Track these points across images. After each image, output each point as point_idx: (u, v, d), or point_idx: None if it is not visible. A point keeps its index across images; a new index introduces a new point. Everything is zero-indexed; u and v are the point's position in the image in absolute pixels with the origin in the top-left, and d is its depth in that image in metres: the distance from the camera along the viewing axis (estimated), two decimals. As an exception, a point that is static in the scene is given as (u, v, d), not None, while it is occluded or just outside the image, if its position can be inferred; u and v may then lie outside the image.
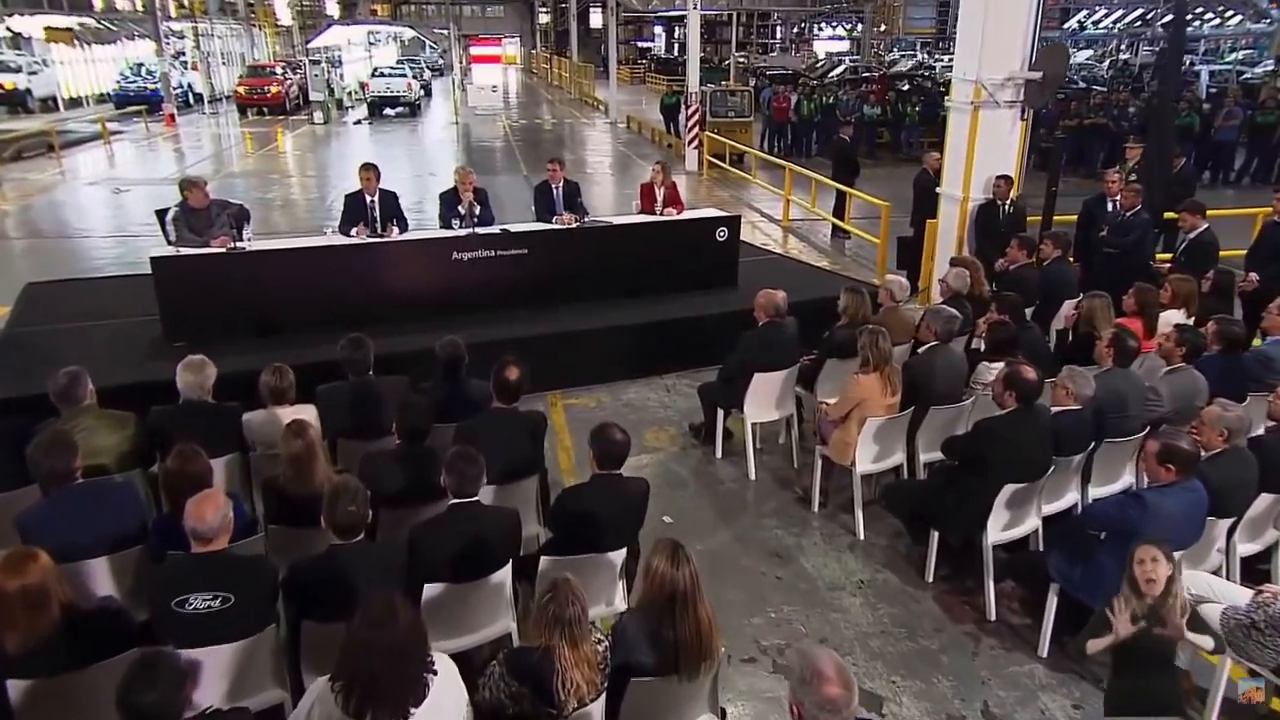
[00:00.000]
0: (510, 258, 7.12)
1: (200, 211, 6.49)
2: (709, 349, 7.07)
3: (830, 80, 26.19)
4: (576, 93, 35.00)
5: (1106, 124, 15.32)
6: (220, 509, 2.91)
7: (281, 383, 4.21)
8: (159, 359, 5.97)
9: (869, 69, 30.38)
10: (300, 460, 3.56)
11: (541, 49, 52.40)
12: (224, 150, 21.06)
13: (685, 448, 6.02)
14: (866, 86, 20.95)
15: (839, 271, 9.55)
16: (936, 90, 20.75)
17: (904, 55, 40.67)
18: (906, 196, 9.82)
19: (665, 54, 49.99)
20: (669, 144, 21.44)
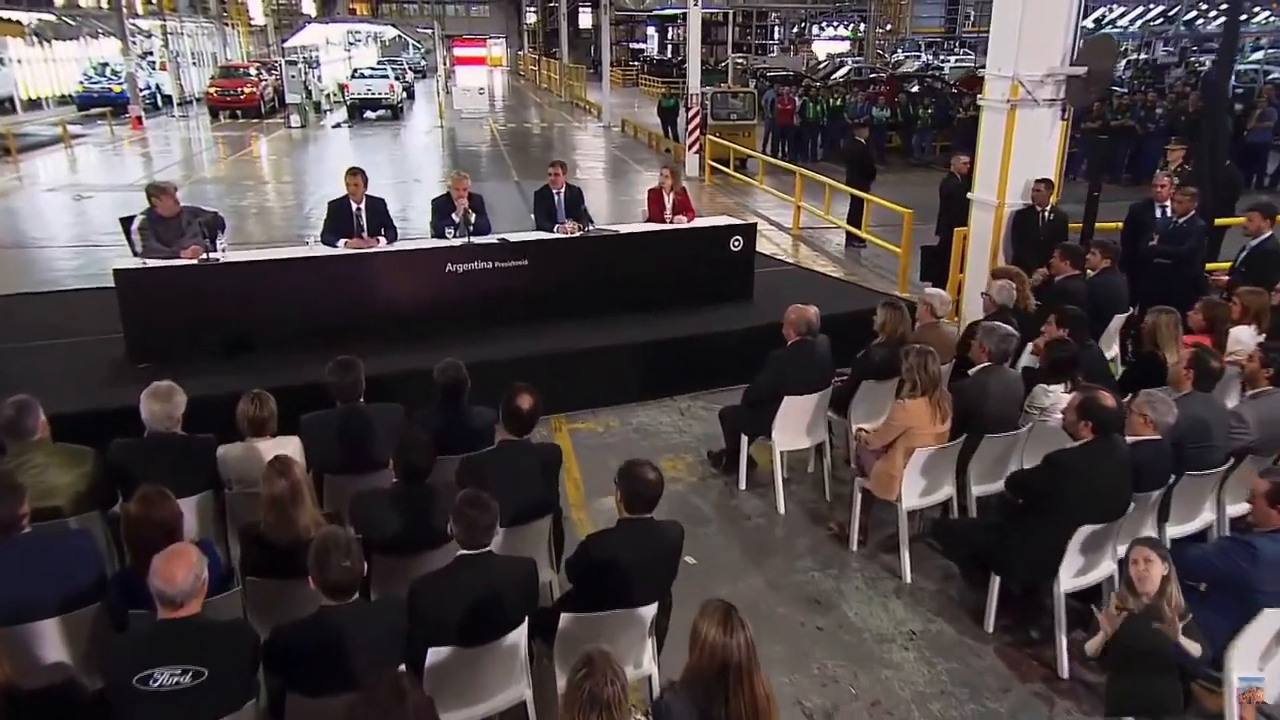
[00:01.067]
0: (509, 269, 6.88)
1: (169, 220, 6.23)
2: (725, 368, 6.95)
3: (834, 82, 26.15)
4: (567, 95, 34.91)
5: (1133, 126, 15.21)
6: (192, 568, 2.60)
7: (261, 412, 3.90)
8: (122, 382, 5.69)
9: (874, 70, 30.36)
10: (284, 503, 3.25)
11: (529, 50, 52.39)
12: (194, 155, 20.80)
13: (705, 478, 5.73)
14: (874, 88, 20.84)
15: (858, 283, 9.31)
16: (948, 92, 20.68)
17: (909, 55, 40.75)
18: (922, 202, 9.63)
19: (659, 55, 50.12)
20: (667, 148, 21.29)
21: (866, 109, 19.13)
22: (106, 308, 6.37)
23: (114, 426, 4.97)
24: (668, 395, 6.89)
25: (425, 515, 3.50)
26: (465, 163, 19.94)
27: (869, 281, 9.61)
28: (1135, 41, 43.47)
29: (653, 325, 7.03)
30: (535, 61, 46.84)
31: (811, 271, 9.53)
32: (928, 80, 22.84)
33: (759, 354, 6.93)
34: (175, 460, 3.86)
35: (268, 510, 3.28)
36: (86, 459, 3.78)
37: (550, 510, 3.87)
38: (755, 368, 7.02)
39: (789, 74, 29.83)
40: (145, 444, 3.88)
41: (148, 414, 3.84)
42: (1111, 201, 7.46)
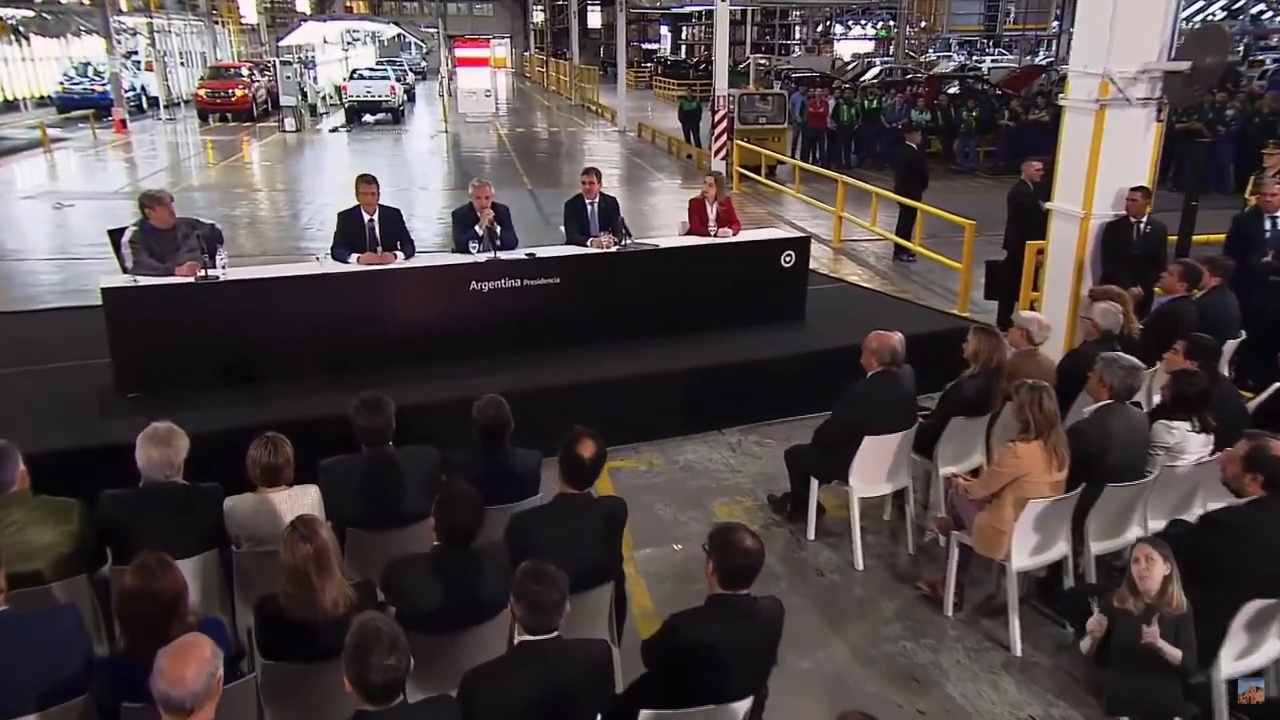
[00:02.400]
0: (539, 288, 6.60)
1: (164, 233, 5.93)
2: (777, 398, 6.69)
3: (863, 83, 25.93)
4: (578, 98, 34.81)
5: (1200, 128, 14.88)
6: (205, 666, 2.25)
7: (276, 459, 3.56)
8: (110, 415, 5.45)
9: (906, 71, 30.15)
10: (307, 573, 2.90)
11: (535, 51, 52.48)
12: (182, 161, 20.68)
13: (766, 525, 5.37)
14: (912, 90, 20.59)
15: (914, 300, 8.97)
16: (991, 94, 20.40)
17: (941, 55, 40.62)
18: (972, 212, 9.28)
19: (673, 57, 50.15)
20: (688, 154, 21.08)
21: (905, 112, 18.88)
22: (91, 330, 6.14)
23: (99, 467, 4.70)
24: (715, 428, 6.57)
25: (472, 585, 3.14)
26: (473, 170, 19.72)
27: (924, 300, 9.28)
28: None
29: (697, 350, 6.73)
30: (543, 63, 46.88)
31: (865, 289, 9.18)
32: (968, 81, 22.55)
33: (815, 383, 6.74)
34: (175, 514, 3.54)
35: (288, 581, 2.93)
36: (71, 514, 3.45)
37: (613, 575, 3.51)
38: (812, 398, 6.80)
39: (814, 75, 29.69)
40: (140, 495, 3.54)
41: (145, 461, 3.50)
42: (1172, 211, 7.09)
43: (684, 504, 5.62)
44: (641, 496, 5.74)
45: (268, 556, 3.58)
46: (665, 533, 5.30)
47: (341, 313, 6.07)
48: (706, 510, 5.55)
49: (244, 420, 5.27)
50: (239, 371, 5.83)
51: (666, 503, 5.64)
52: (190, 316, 5.72)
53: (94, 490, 3.73)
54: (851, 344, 6.81)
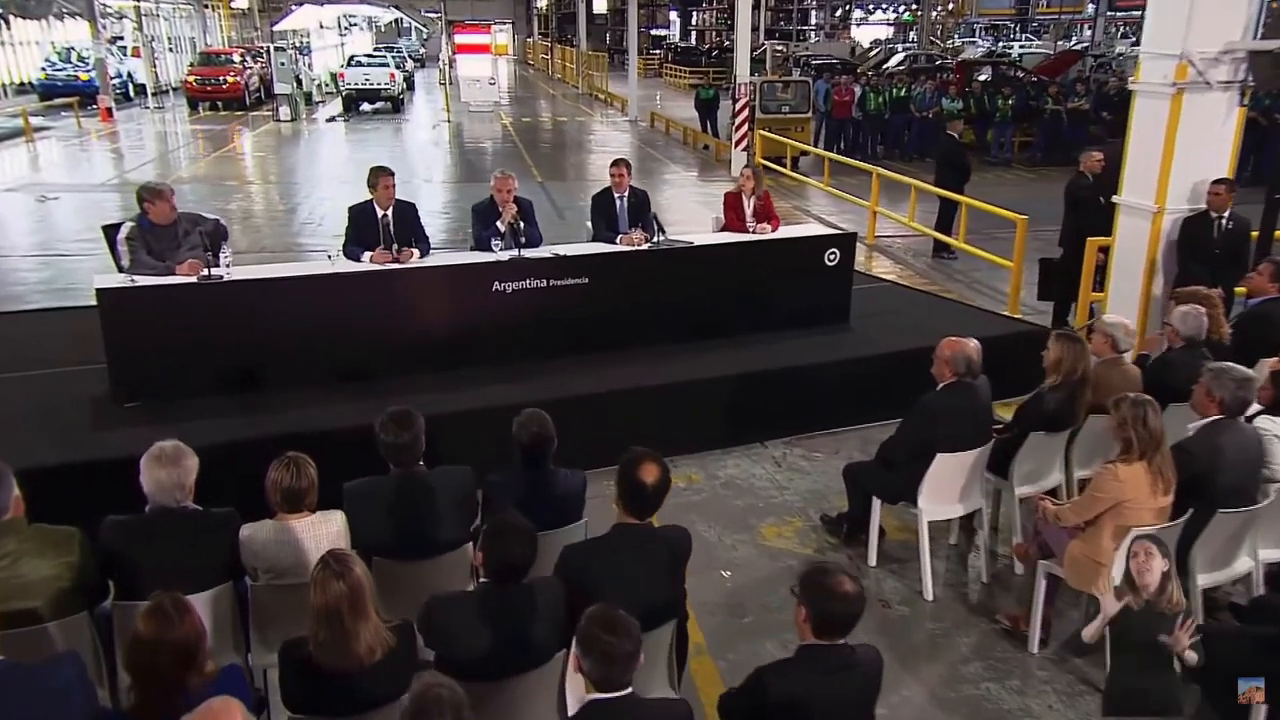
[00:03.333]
0: (566, 289, 6.40)
1: (164, 229, 5.73)
2: (822, 408, 6.52)
3: (887, 70, 25.71)
4: (585, 86, 34.61)
5: (1255, 117, 14.61)
6: (240, 736, 2.02)
7: (298, 482, 3.34)
8: (105, 427, 5.25)
9: (931, 57, 29.90)
10: (340, 615, 2.68)
11: (540, 37, 52.28)
12: (171, 151, 20.52)
13: (821, 549, 5.14)
14: (942, 77, 20.35)
15: (961, 300, 8.73)
16: (1028, 80, 20.14)
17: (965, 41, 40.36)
18: (1015, 207, 9.04)
19: (682, 43, 49.95)
20: (705, 145, 20.85)
21: (936, 100, 18.63)
22: (82, 333, 6.01)
23: (93, 486, 4.61)
24: (757, 441, 6.37)
25: (523, 627, 2.91)
26: (479, 162, 19.54)
27: (970, 301, 9.04)
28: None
29: (736, 356, 6.54)
30: (547, 50, 46.66)
31: (911, 289, 8.94)
32: (1001, 68, 22.28)
33: (862, 392, 6.57)
34: (186, 543, 3.33)
35: (319, 625, 2.70)
36: (71, 544, 3.22)
37: (676, 614, 3.27)
38: (859, 408, 6.62)
39: (835, 62, 29.44)
40: (147, 522, 3.32)
41: (152, 484, 3.27)
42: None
43: (729, 525, 5.40)
44: (682, 516, 5.47)
45: (288, 590, 3.37)
46: (711, 557, 5.07)
47: (355, 316, 5.88)
48: (753, 532, 5.32)
49: (249, 433, 5.16)
50: (244, 379, 5.65)
51: (710, 523, 5.41)
52: (192, 320, 5.53)
53: (86, 512, 3.53)
54: (901, 349, 6.78)
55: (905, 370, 6.57)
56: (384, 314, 5.94)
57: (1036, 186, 15.97)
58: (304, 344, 5.75)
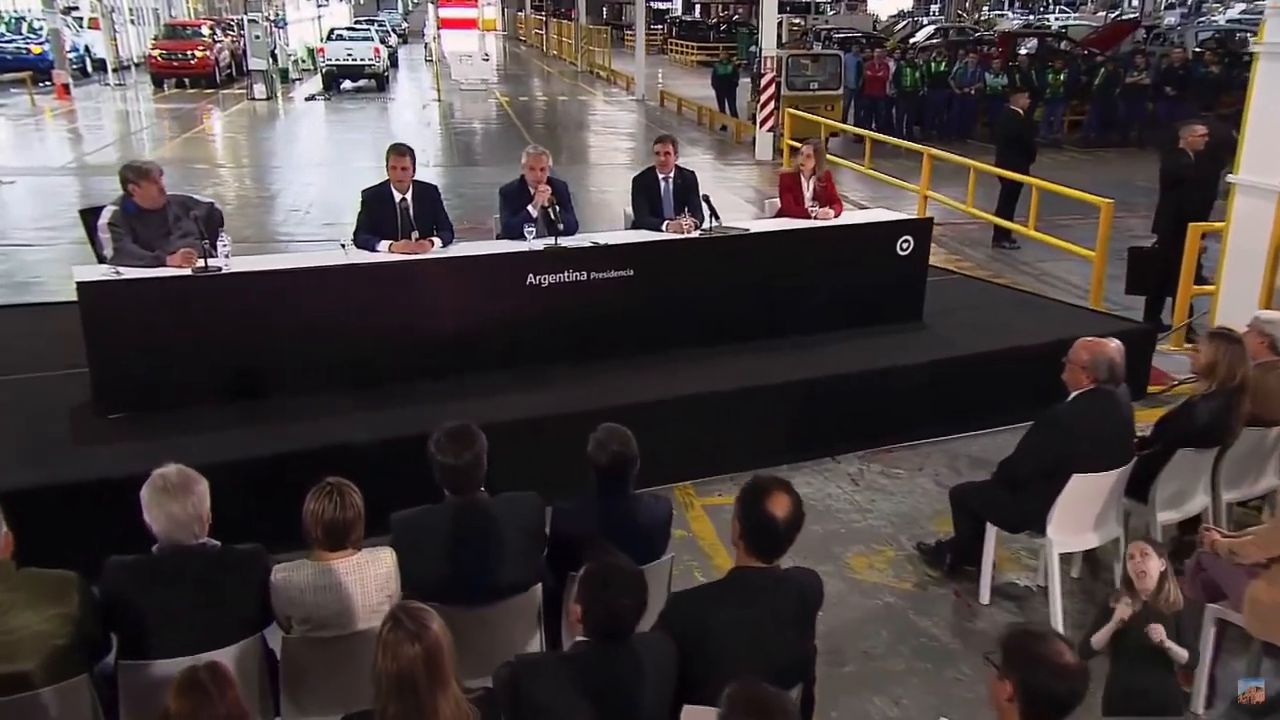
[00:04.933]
0: (609, 283, 6.11)
1: (152, 213, 5.48)
2: (899, 418, 6.23)
3: (917, 44, 25.42)
4: (585, 63, 34.30)
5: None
6: None
7: (343, 513, 3.00)
8: (87, 443, 4.95)
9: (962, 29, 29.63)
10: (416, 684, 2.34)
11: (531, 11, 51.99)
12: (133, 133, 20.20)
13: (922, 583, 4.81)
14: (985, 50, 20.06)
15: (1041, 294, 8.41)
16: (1079, 54, 19.86)
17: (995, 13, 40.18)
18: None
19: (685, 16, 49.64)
20: (723, 125, 20.56)
21: (978, 75, 18.33)
22: (56, 333, 5.72)
23: (74, 511, 4.34)
24: (827, 454, 6.07)
25: (630, 697, 2.57)
26: (476, 144, 19.23)
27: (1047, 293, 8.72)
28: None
29: (800, 358, 6.28)
30: (541, 24, 46.36)
31: (984, 282, 8.64)
32: (1048, 40, 22.00)
33: (943, 399, 6.28)
34: (206, 588, 2.99)
35: (388, 697, 2.35)
36: (68, 592, 2.88)
37: (805, 675, 2.93)
38: (940, 417, 6.32)
39: (858, 35, 29.17)
40: (159, 564, 2.98)
41: (164, 520, 2.93)
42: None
43: (810, 554, 5.02)
44: None
45: (328, 645, 3.04)
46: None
47: (372, 313, 5.58)
48: (840, 563, 4.99)
49: (255, 449, 4.88)
50: (246, 386, 5.35)
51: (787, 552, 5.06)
52: (187, 317, 5.22)
53: (63, 544, 3.24)
54: (986, 350, 6.49)
55: (993, 375, 6.41)
56: (405, 311, 5.65)
57: (1094, 169, 15.69)
58: (314, 345, 5.45)
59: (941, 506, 5.43)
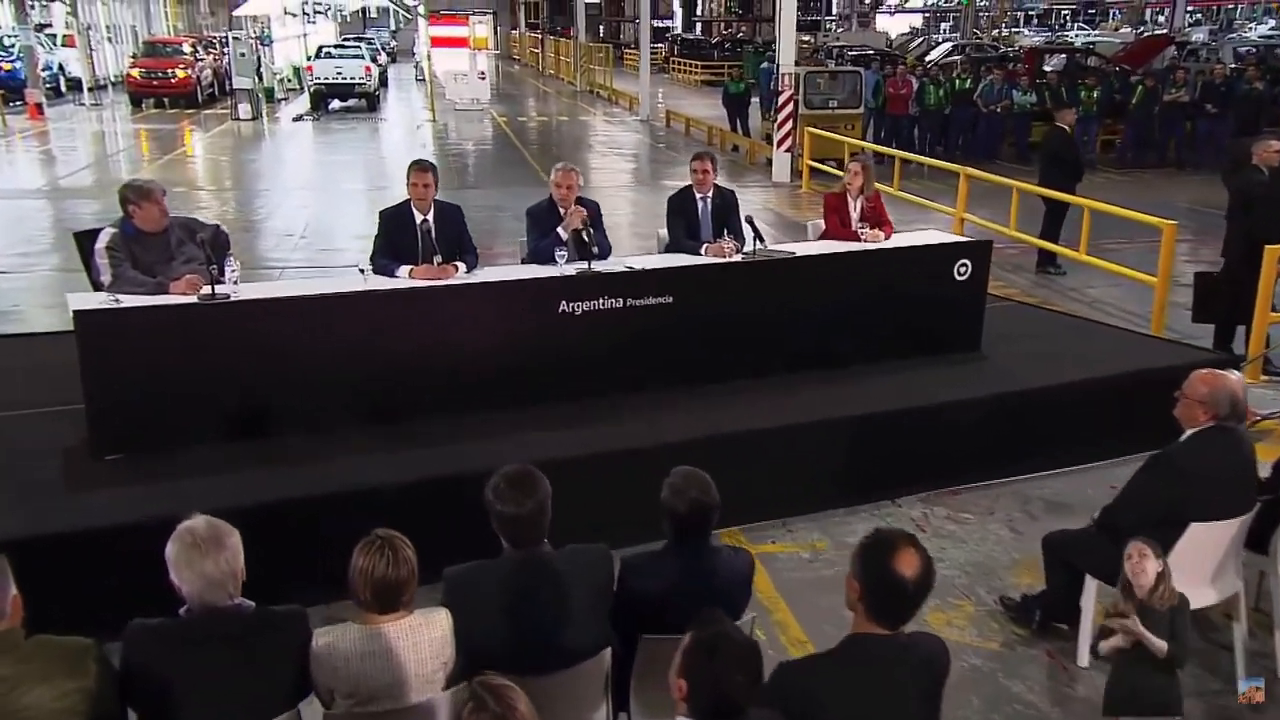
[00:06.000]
0: (647, 310, 5.97)
1: (154, 236, 5.31)
2: (962, 456, 6.03)
3: (933, 61, 25.51)
4: (584, 83, 34.42)
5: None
6: None
7: (396, 570, 2.79)
8: (83, 487, 4.75)
9: (982, 46, 29.79)
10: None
11: (526, 30, 52.36)
12: (110, 155, 20.20)
13: (1009, 642, 4.59)
14: (1010, 67, 20.11)
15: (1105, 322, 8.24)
16: (1110, 70, 19.89)
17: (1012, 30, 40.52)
18: None
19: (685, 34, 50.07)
20: (735, 145, 20.51)
21: (1005, 92, 18.32)
22: (38, 367, 5.79)
23: (68, 564, 4.16)
24: (886, 497, 5.89)
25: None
26: (476, 166, 19.16)
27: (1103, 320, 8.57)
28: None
29: (854, 392, 6.12)
30: (536, 42, 46.64)
31: (1040, 309, 8.49)
32: (1075, 56, 22.08)
33: (1007, 436, 6.10)
34: (241, 656, 2.77)
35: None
36: (84, 663, 2.66)
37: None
38: (1006, 456, 6.12)
39: (871, 52, 29.31)
40: (190, 629, 2.76)
41: (197, 581, 2.72)
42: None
43: (881, 608, 4.82)
44: (814, 596, 5.01)
45: (377, 721, 2.79)
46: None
47: (392, 344, 5.42)
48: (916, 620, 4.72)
49: (269, 493, 4.68)
50: (256, 423, 5.18)
51: (851, 602, 4.84)
52: (192, 348, 5.05)
53: (54, 602, 3.12)
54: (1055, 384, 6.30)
55: (1063, 409, 6.24)
56: (428, 342, 5.50)
57: (1132, 190, 15.60)
58: (330, 379, 5.29)
59: (1020, 554, 5.25)
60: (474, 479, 4.73)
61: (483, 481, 4.86)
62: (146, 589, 4.09)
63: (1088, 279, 10.15)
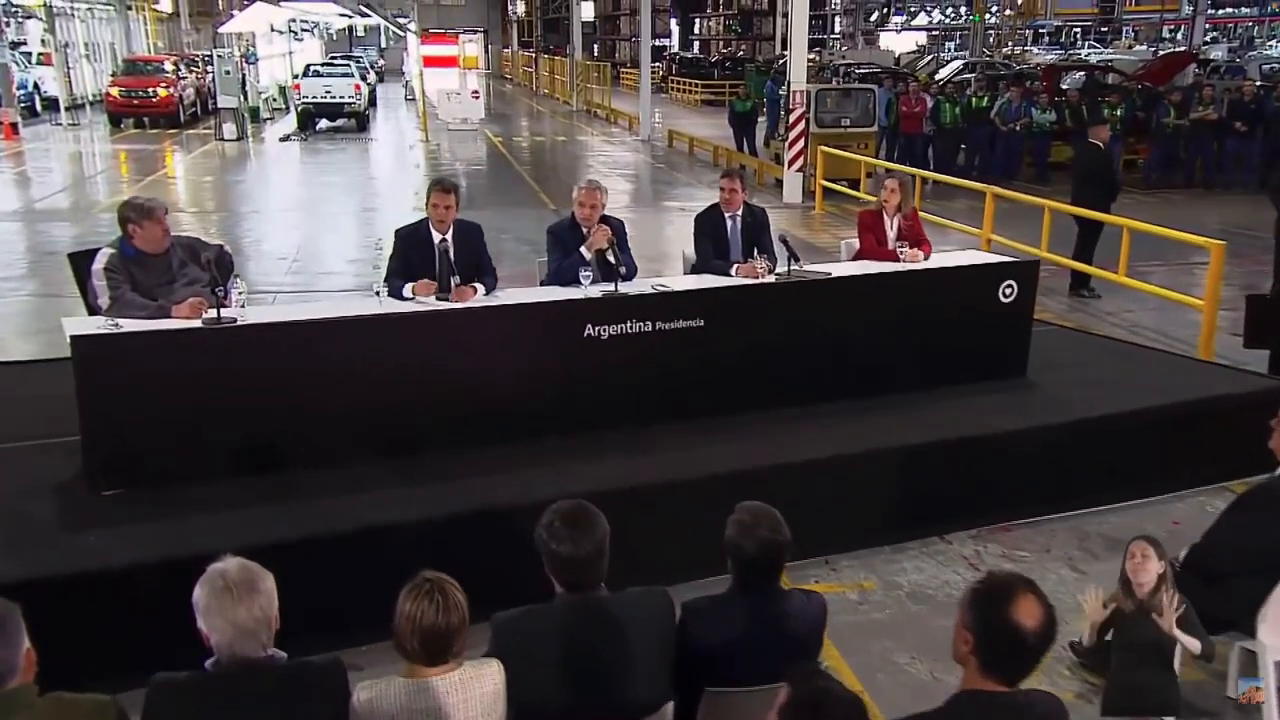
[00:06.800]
0: (677, 335, 5.86)
1: (155, 257, 5.21)
2: (1012, 490, 5.92)
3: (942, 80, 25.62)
4: (580, 102, 34.53)
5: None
6: None
7: (447, 617, 2.64)
8: (80, 525, 4.60)
9: (993, 64, 29.95)
10: None
11: (519, 48, 52.68)
12: (89, 176, 20.09)
13: (1084, 692, 4.43)
14: (1028, 84, 20.16)
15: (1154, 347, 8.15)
16: (1134, 88, 19.94)
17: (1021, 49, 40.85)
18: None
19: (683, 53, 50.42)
20: (741, 166, 20.46)
21: (1024, 110, 18.34)
22: (25, 397, 5.79)
23: (67, 610, 4.00)
24: (934, 534, 5.76)
25: None
26: (473, 187, 19.08)
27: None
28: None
29: (897, 421, 5.99)
30: (529, 61, 46.91)
31: (1085, 333, 8.41)
32: (1095, 74, 22.15)
33: (1066, 468, 5.99)
34: (274, 713, 2.59)
35: None
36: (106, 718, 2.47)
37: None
38: (1060, 490, 5.98)
39: (879, 70, 29.45)
40: (218, 684, 2.59)
41: (228, 629, 2.55)
42: None
43: (940, 656, 4.64)
44: (865, 641, 4.86)
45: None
46: (927, 703, 4.33)
47: (409, 371, 5.30)
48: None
49: (276, 532, 4.53)
50: (264, 456, 5.04)
51: (910, 653, 4.74)
52: (196, 376, 4.93)
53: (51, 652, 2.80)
54: (1105, 412, 6.17)
55: (1118, 440, 6.13)
56: (447, 369, 5.39)
57: (1160, 212, 15.51)
58: (343, 408, 5.18)
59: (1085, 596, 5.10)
60: (500, 515, 4.76)
61: (509, 518, 4.84)
62: (152, 635, 4.02)
63: (1124, 302, 10.07)
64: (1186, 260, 11.97)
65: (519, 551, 4.56)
